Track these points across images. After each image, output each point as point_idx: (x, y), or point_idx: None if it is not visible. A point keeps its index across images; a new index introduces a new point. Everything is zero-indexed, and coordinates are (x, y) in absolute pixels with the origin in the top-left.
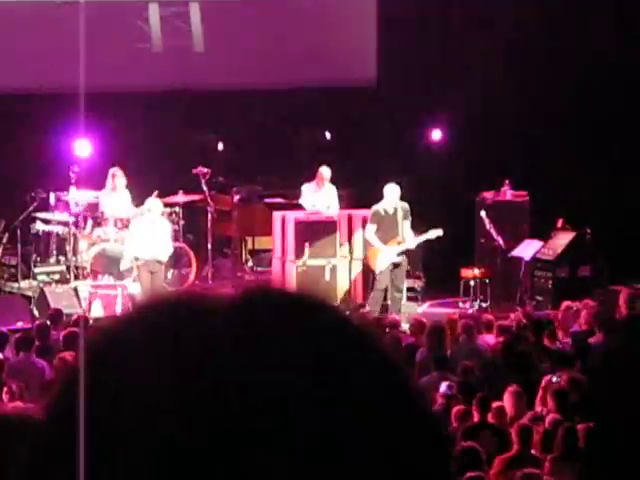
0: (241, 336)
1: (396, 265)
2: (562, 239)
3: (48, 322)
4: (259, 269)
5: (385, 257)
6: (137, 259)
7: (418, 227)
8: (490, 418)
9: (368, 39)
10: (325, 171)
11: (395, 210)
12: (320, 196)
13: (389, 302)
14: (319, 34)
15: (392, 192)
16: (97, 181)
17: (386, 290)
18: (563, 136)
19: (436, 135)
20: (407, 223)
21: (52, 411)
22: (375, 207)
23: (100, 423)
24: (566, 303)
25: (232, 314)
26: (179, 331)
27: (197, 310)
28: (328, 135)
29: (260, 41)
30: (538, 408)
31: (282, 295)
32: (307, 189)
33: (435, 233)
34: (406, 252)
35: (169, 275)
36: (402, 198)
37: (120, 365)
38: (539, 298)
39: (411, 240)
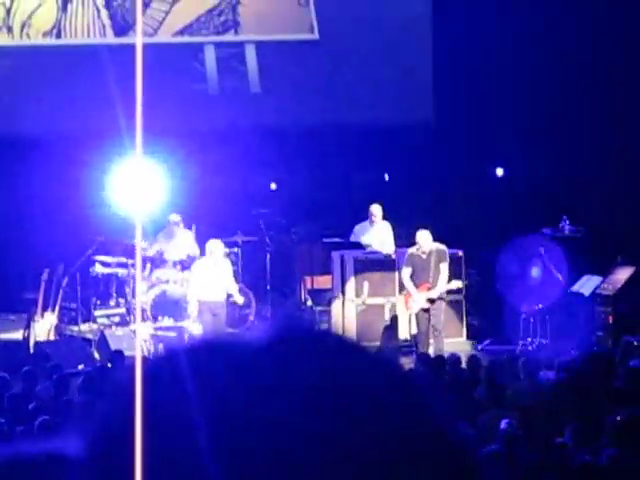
0: (265, 383)
1: (426, 310)
2: (622, 274)
3: (109, 364)
4: (318, 308)
5: (416, 302)
6: (199, 301)
7: (477, 264)
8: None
9: (424, 77)
10: (375, 208)
11: (429, 254)
12: (374, 233)
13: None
14: (375, 73)
15: (423, 237)
16: (156, 223)
17: (427, 332)
18: (620, 170)
19: (497, 172)
20: (444, 266)
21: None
22: (410, 250)
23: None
24: (626, 338)
25: (260, 359)
26: (204, 377)
27: (227, 354)
28: (387, 177)
29: (316, 81)
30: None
31: (314, 338)
32: (359, 228)
33: (455, 284)
34: (436, 299)
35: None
36: (460, 235)
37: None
38: (599, 334)
39: (436, 289)
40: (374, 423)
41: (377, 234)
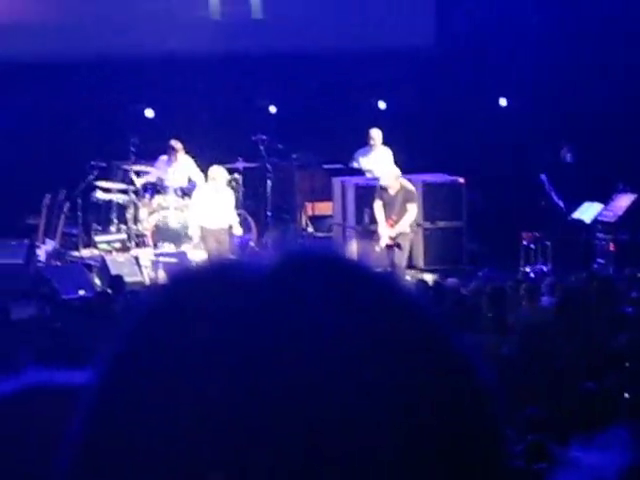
0: (271, 308)
1: (390, 247)
2: (623, 201)
3: (109, 290)
4: (319, 235)
5: (382, 237)
6: (202, 228)
7: (478, 191)
8: None
9: (426, 3)
10: (374, 132)
11: (397, 191)
12: (373, 158)
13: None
14: None
15: (390, 172)
16: (157, 150)
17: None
18: (623, 99)
19: (500, 101)
20: (411, 206)
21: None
22: (380, 182)
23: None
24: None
25: (265, 284)
26: (206, 306)
27: (229, 281)
28: (383, 105)
29: (318, 7)
30: None
31: (321, 262)
32: (359, 153)
33: (409, 219)
34: (399, 235)
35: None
36: (464, 165)
37: (150, 344)
38: (600, 261)
39: (397, 227)
40: (386, 349)
41: (377, 159)
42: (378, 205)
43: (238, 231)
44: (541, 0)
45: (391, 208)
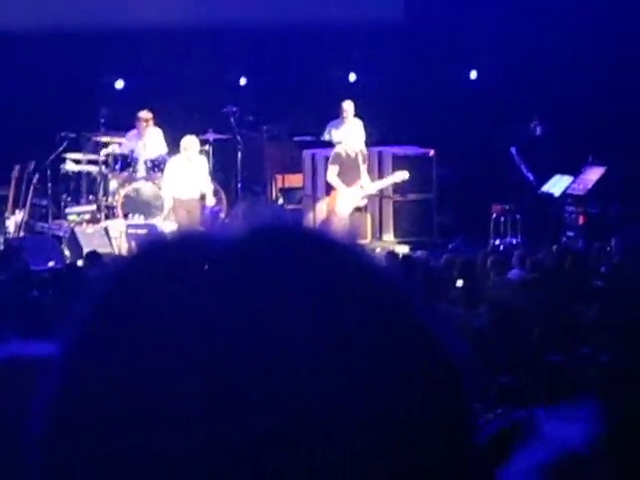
0: (238, 279)
1: (359, 209)
2: (592, 174)
3: (80, 263)
4: (290, 207)
5: (348, 201)
6: (174, 199)
7: (448, 164)
8: None
9: None
10: (347, 104)
11: (356, 154)
12: (345, 130)
13: None
14: None
15: (354, 134)
16: (126, 121)
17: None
18: (593, 71)
19: (470, 74)
20: (364, 167)
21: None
22: (337, 149)
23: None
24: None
25: (232, 256)
26: (173, 276)
27: (196, 252)
28: (354, 77)
29: None
30: None
31: (290, 233)
32: (331, 125)
33: (400, 176)
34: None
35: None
36: (434, 137)
37: (115, 312)
38: (570, 234)
39: (372, 184)
40: (353, 318)
41: (349, 131)
42: (333, 171)
43: (211, 201)
44: None
45: (356, 170)
